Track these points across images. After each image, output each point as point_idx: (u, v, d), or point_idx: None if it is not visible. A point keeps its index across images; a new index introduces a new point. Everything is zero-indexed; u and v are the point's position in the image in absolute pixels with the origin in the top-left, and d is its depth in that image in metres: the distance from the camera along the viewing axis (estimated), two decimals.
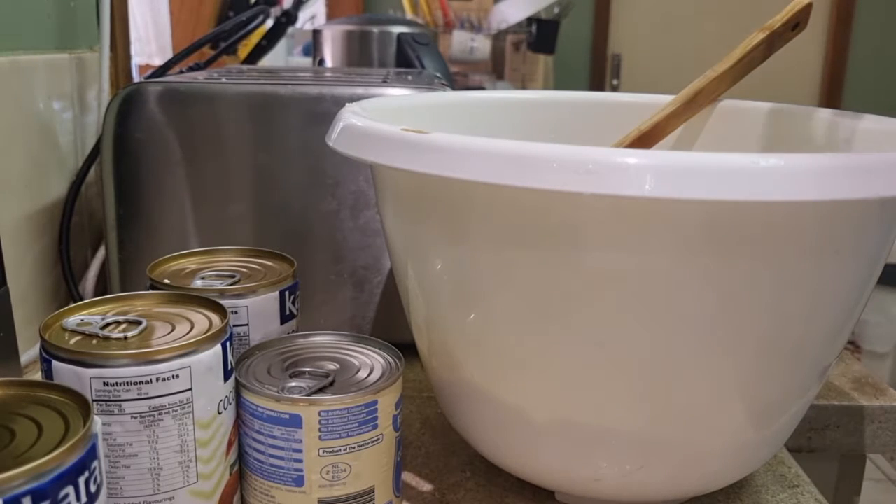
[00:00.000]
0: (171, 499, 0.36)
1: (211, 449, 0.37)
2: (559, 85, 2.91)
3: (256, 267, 0.48)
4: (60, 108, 0.68)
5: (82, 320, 0.38)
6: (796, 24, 0.49)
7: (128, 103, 0.57)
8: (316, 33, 1.18)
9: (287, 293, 0.46)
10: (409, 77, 0.71)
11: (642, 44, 3.29)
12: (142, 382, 0.34)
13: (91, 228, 0.72)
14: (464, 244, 0.38)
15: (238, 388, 0.38)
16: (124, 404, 0.34)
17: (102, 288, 0.69)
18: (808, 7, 0.49)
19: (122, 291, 0.53)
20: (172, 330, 0.37)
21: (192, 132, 0.57)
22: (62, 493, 0.26)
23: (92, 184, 0.71)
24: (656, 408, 0.37)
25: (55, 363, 0.34)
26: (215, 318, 0.39)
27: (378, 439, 0.38)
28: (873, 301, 0.44)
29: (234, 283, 0.45)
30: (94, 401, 0.34)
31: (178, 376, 0.35)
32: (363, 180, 0.58)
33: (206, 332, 0.36)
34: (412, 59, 1.05)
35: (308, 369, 0.40)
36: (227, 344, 0.37)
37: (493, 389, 0.40)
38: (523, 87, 2.48)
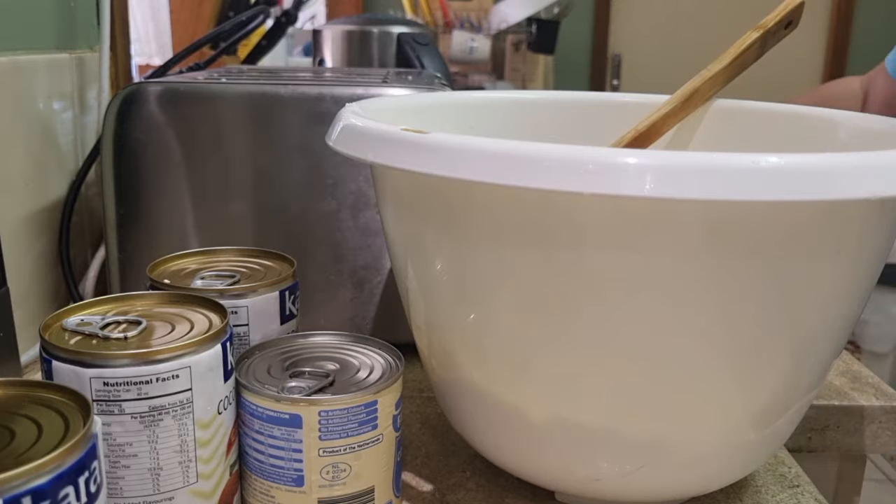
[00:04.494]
0: (171, 499, 0.36)
1: (211, 449, 0.37)
2: (559, 85, 2.91)
3: (256, 267, 0.48)
4: (60, 108, 0.68)
5: (82, 320, 0.38)
6: (789, 22, 0.50)
7: (128, 103, 0.57)
8: (316, 33, 1.18)
9: (287, 293, 0.46)
10: (409, 77, 0.71)
11: (642, 44, 3.29)
12: (142, 382, 0.34)
13: (91, 228, 0.72)
14: (464, 244, 0.38)
15: (238, 388, 0.38)
16: (124, 404, 0.34)
17: (102, 288, 0.69)
18: (801, 6, 0.49)
19: (122, 291, 0.53)
20: (172, 330, 0.37)
21: (192, 132, 0.57)
22: (62, 493, 0.26)
23: (92, 184, 0.71)
24: (656, 408, 0.37)
25: (55, 363, 0.34)
26: (215, 318, 0.39)
27: (378, 439, 0.38)
28: (873, 301, 0.44)
29: (234, 283, 0.45)
30: (94, 401, 0.34)
31: (178, 376, 0.35)
32: (363, 180, 0.58)
33: (206, 332, 0.36)
34: (412, 59, 1.05)
35: (308, 369, 0.40)
36: (227, 344, 0.37)
37: (493, 389, 0.40)
38: (523, 87, 2.48)
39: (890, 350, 2.32)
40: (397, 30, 1.11)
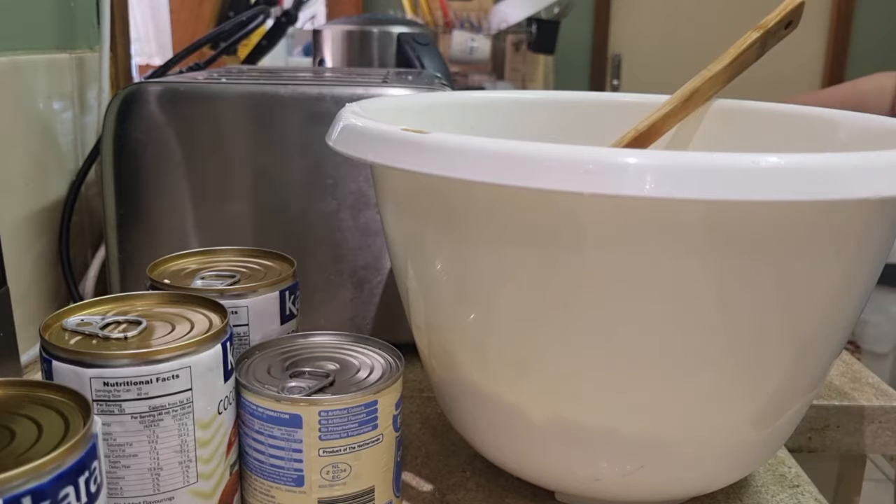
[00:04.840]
0: (171, 499, 0.36)
1: (211, 449, 0.37)
2: (559, 85, 2.91)
3: (256, 267, 0.48)
4: (60, 108, 0.68)
5: (82, 320, 0.38)
6: (789, 22, 0.50)
7: (128, 103, 0.57)
8: (316, 33, 1.18)
9: (287, 293, 0.46)
10: (409, 77, 0.71)
11: (642, 44, 3.29)
12: (142, 382, 0.34)
13: (91, 228, 0.72)
14: (464, 244, 0.38)
15: (238, 388, 0.38)
16: (124, 404, 0.34)
17: (102, 288, 0.69)
18: (801, 5, 0.49)
19: (122, 291, 0.53)
20: (172, 330, 0.37)
21: (192, 132, 0.57)
22: (62, 493, 0.26)
23: (92, 184, 0.71)
24: (656, 408, 0.37)
25: (55, 363, 0.34)
26: (215, 318, 0.39)
27: (378, 439, 0.38)
28: (873, 301, 0.44)
29: (234, 283, 0.45)
30: (94, 401, 0.34)
31: (178, 376, 0.35)
32: (363, 180, 0.58)
33: (206, 332, 0.36)
34: (412, 59, 1.05)
35: (308, 369, 0.40)
36: (227, 344, 0.37)
37: (493, 389, 0.40)
38: (523, 87, 2.48)
39: (890, 350, 2.32)
40: (397, 30, 1.11)
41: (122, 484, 0.35)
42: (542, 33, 2.38)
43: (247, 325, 0.44)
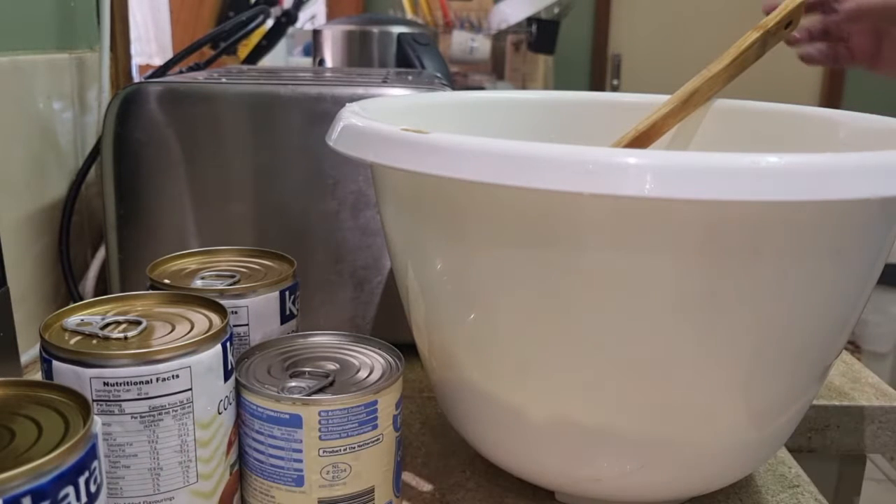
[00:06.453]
0: (171, 499, 0.36)
1: (211, 449, 0.37)
2: (559, 85, 2.91)
3: (256, 267, 0.48)
4: (60, 108, 0.68)
5: (82, 320, 0.38)
6: (789, 22, 0.50)
7: (128, 103, 0.57)
8: (316, 33, 1.18)
9: (287, 293, 0.46)
10: (409, 77, 0.71)
11: (642, 44, 3.29)
12: (142, 382, 0.34)
13: (91, 228, 0.72)
14: (464, 244, 0.38)
15: (238, 388, 0.38)
16: (124, 404, 0.34)
17: (102, 288, 0.69)
18: (801, 5, 0.49)
19: (122, 291, 0.53)
20: (172, 330, 0.37)
21: (192, 132, 0.57)
22: (62, 493, 0.26)
23: (92, 184, 0.71)
24: (656, 408, 0.37)
25: (55, 363, 0.34)
26: (215, 318, 0.39)
27: (378, 439, 0.38)
28: (873, 301, 0.44)
29: (234, 283, 0.45)
30: (94, 401, 0.34)
31: (178, 376, 0.35)
32: (363, 180, 0.58)
33: (206, 332, 0.36)
34: (412, 59, 1.05)
35: (308, 369, 0.40)
36: (227, 344, 0.37)
37: (493, 389, 0.40)
38: (523, 87, 2.48)
39: (890, 350, 2.32)
40: (397, 30, 1.11)
41: (122, 484, 0.35)
42: (542, 33, 2.38)
43: (247, 325, 0.44)
